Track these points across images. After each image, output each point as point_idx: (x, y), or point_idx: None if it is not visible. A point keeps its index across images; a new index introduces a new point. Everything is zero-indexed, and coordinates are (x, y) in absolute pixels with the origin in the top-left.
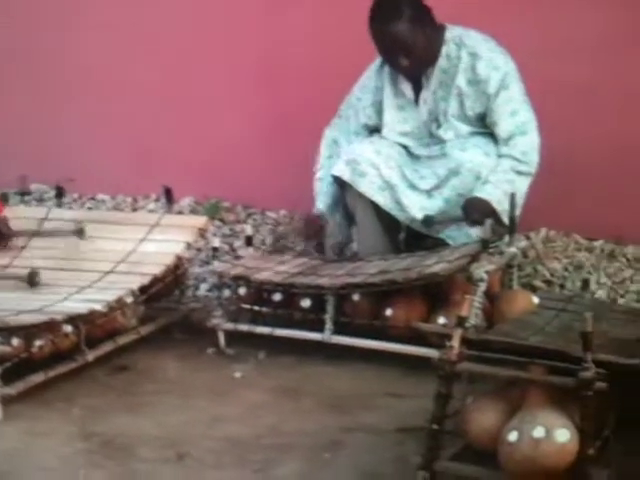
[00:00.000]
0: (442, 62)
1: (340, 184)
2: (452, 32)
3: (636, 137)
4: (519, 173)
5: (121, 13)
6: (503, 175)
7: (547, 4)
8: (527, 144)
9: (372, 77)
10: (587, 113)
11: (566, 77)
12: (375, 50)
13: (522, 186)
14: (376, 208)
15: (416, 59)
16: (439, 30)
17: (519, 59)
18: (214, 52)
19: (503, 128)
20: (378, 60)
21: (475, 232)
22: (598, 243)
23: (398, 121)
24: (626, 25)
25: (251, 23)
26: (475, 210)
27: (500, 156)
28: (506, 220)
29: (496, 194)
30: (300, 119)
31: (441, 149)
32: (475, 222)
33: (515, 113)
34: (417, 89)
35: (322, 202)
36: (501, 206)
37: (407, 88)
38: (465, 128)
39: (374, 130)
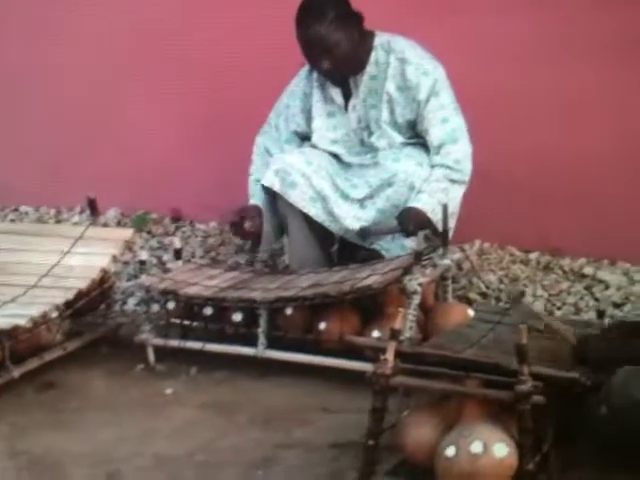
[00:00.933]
0: (371, 69)
1: (271, 195)
2: (380, 38)
3: (571, 148)
4: (453, 181)
5: (44, 17)
6: (437, 184)
7: (478, 11)
8: (459, 152)
9: (300, 83)
10: (521, 122)
11: (498, 85)
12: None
13: (456, 195)
14: (308, 219)
15: (339, 62)
16: (367, 36)
17: (450, 66)
18: (139, 58)
19: (434, 136)
20: (307, 66)
21: (410, 243)
22: (534, 255)
23: (327, 128)
24: (559, 34)
25: (174, 27)
26: (410, 221)
27: (433, 165)
28: (439, 229)
29: (431, 203)
30: (229, 127)
31: (373, 158)
32: (410, 233)
33: (446, 120)
34: (347, 96)
35: (256, 199)
36: (436, 216)
37: (337, 94)
38: (398, 137)
39: (305, 137)
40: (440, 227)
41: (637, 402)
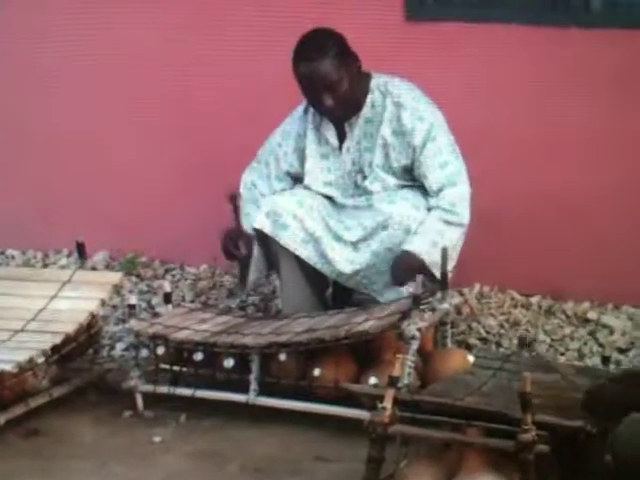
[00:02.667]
0: (366, 111)
1: (262, 237)
2: (377, 80)
3: (573, 189)
4: (448, 223)
5: (33, 62)
6: (431, 225)
7: (476, 53)
8: (456, 195)
9: (294, 124)
10: (522, 164)
11: (499, 126)
12: (294, 96)
13: (452, 237)
14: (300, 262)
15: (341, 100)
16: (365, 77)
17: (450, 107)
18: (126, 102)
19: (433, 181)
20: (301, 107)
21: (405, 288)
22: (535, 299)
23: (321, 170)
24: (564, 71)
25: (165, 71)
26: (402, 271)
27: (429, 209)
28: (437, 273)
29: (424, 245)
30: (218, 170)
31: (367, 200)
32: (402, 284)
33: (444, 165)
34: (341, 137)
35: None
36: (430, 257)
37: (332, 136)
38: (392, 180)
39: (297, 178)
40: (434, 270)
41: None
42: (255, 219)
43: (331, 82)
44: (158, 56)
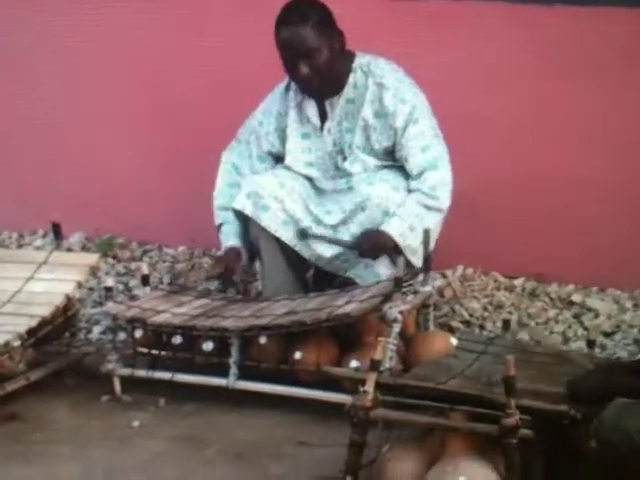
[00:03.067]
0: (348, 91)
1: (242, 218)
2: (361, 60)
3: (554, 172)
4: (427, 208)
5: (12, 49)
6: (411, 209)
7: (461, 32)
8: (437, 179)
9: (276, 102)
10: (505, 147)
11: (480, 110)
12: (276, 75)
13: (431, 222)
14: (281, 244)
15: (318, 70)
16: (348, 56)
17: (432, 92)
18: (103, 81)
19: (414, 164)
20: (282, 84)
21: (383, 271)
22: (519, 281)
23: (302, 150)
24: (539, 56)
25: (141, 50)
26: (366, 242)
27: (409, 191)
28: (410, 256)
29: (400, 227)
30: (195, 149)
31: (347, 182)
32: (363, 254)
33: (426, 148)
34: (323, 117)
35: (227, 235)
36: (405, 241)
37: (313, 115)
38: (372, 161)
39: (279, 158)
40: (410, 253)
41: (628, 436)
42: (236, 200)
43: (309, 49)
44: (139, 43)
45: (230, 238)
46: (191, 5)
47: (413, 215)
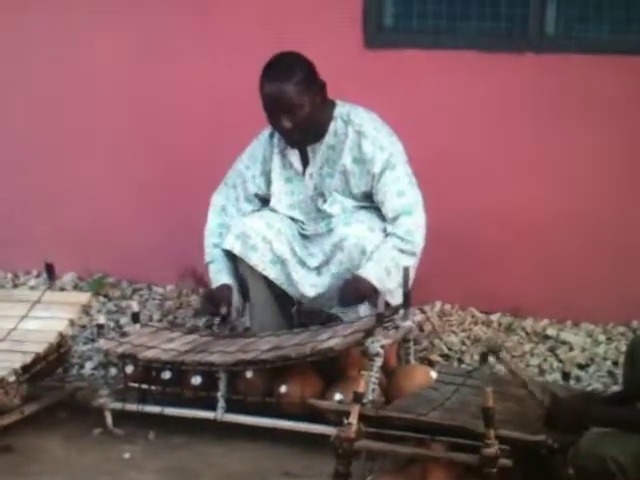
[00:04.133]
0: (329, 138)
1: (231, 257)
2: (341, 109)
3: (528, 209)
4: (402, 252)
5: None
6: (386, 253)
7: (433, 79)
8: (412, 224)
9: (260, 147)
10: (479, 186)
11: (455, 149)
12: (257, 117)
13: (406, 264)
14: (268, 282)
15: (299, 124)
16: (329, 105)
17: (406, 132)
18: (94, 119)
19: (390, 208)
20: (267, 130)
21: (364, 309)
22: (495, 316)
23: (285, 193)
24: (515, 97)
25: (131, 87)
26: (349, 294)
27: (385, 233)
28: (389, 298)
29: (377, 272)
30: (184, 188)
31: (327, 225)
32: (346, 306)
33: (401, 194)
34: (305, 163)
35: (221, 273)
36: (382, 284)
37: (295, 160)
38: (350, 203)
39: (265, 200)
40: (388, 295)
41: (603, 463)
42: (225, 241)
43: (291, 106)
44: (125, 74)
45: (221, 276)
46: (179, 40)
47: (389, 259)
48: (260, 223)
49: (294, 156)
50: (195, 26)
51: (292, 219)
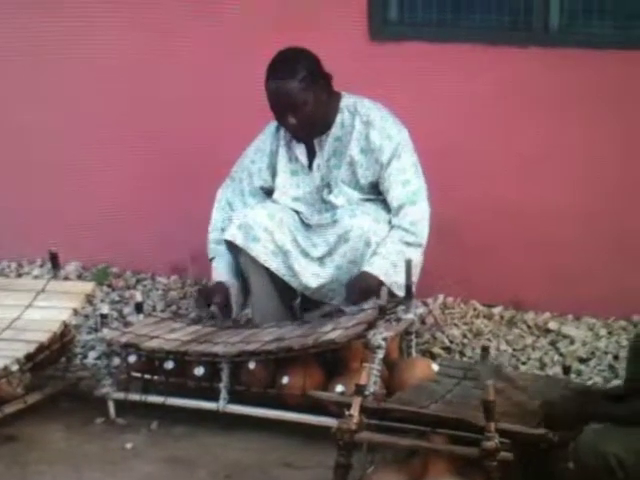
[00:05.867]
0: (336, 130)
1: (233, 249)
2: (347, 100)
3: (531, 203)
4: (408, 244)
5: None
6: (392, 246)
7: (439, 72)
8: (416, 214)
9: (267, 141)
10: (484, 178)
11: (460, 141)
12: (261, 110)
13: (412, 257)
14: (270, 273)
15: (304, 121)
16: (335, 98)
17: (411, 126)
18: (101, 110)
19: (394, 197)
20: (273, 124)
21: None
22: (497, 310)
23: (291, 185)
24: (516, 90)
25: (137, 80)
26: (357, 291)
27: (390, 226)
28: (397, 291)
29: (384, 266)
30: (189, 180)
31: (332, 216)
32: (355, 303)
33: (407, 183)
34: (311, 155)
35: (221, 271)
36: (390, 279)
37: (301, 154)
38: (356, 195)
39: (270, 193)
40: (395, 289)
41: (604, 458)
42: (227, 232)
43: (295, 103)
44: (130, 61)
45: (220, 275)
46: (187, 35)
47: (394, 253)
48: (262, 214)
49: (300, 149)
50: (199, 18)
51: (295, 211)
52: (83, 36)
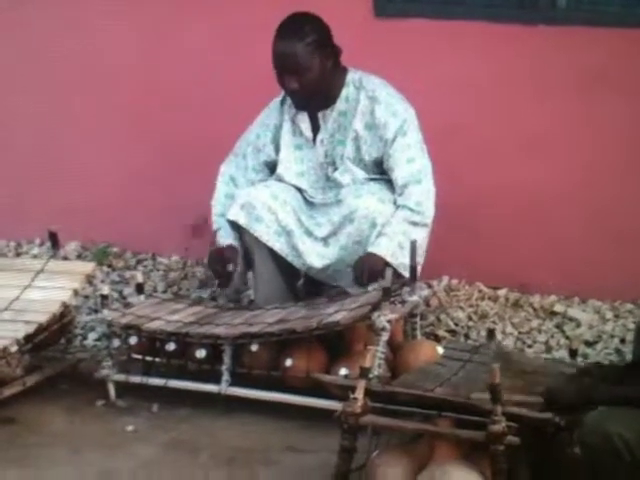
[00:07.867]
0: (341, 104)
1: (236, 228)
2: (353, 75)
3: (537, 184)
4: (414, 224)
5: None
6: (398, 227)
7: (443, 50)
8: (422, 193)
9: (272, 115)
10: (488, 161)
11: (465, 123)
12: (268, 89)
13: (418, 237)
14: (273, 254)
15: (307, 86)
16: (341, 72)
17: (415, 103)
18: (100, 92)
19: (399, 175)
20: (278, 98)
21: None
22: (502, 292)
23: (294, 160)
24: (522, 72)
25: (132, 57)
26: (364, 274)
27: (397, 206)
28: (404, 272)
29: (390, 247)
30: (189, 159)
31: (336, 195)
32: (362, 285)
33: (411, 160)
34: (315, 129)
35: (227, 237)
36: (397, 260)
37: (306, 128)
38: (361, 174)
39: (274, 168)
40: (401, 270)
41: (610, 440)
42: (230, 211)
43: (298, 66)
44: (132, 48)
45: (228, 240)
46: (179, 18)
47: (400, 233)
48: (265, 193)
49: (304, 123)
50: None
51: (298, 189)
52: (86, 25)
